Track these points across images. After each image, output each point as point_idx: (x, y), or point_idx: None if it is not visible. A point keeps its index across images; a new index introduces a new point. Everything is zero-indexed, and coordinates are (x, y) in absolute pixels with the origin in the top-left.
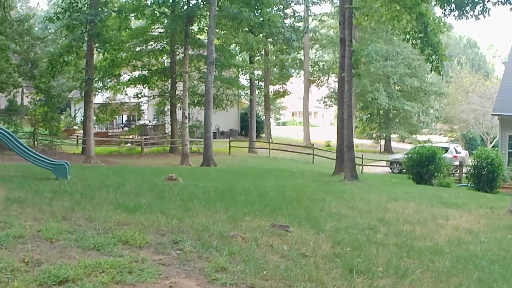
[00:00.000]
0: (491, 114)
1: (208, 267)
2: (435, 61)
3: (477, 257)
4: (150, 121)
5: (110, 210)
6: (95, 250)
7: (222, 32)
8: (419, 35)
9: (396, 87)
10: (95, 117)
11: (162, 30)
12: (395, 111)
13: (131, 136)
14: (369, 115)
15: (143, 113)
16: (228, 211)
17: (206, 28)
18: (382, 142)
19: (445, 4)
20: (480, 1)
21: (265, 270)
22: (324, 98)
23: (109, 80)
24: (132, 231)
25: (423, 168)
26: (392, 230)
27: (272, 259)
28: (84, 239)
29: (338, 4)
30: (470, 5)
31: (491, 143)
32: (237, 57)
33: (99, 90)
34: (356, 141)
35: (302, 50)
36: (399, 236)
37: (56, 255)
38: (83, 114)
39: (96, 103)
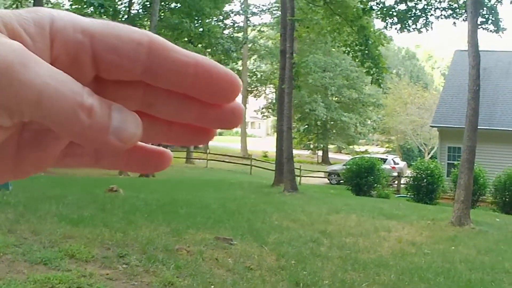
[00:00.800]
0: (430, 126)
1: (156, 281)
2: (376, 74)
3: (422, 269)
4: None
5: (54, 223)
6: (42, 264)
7: None
8: (360, 47)
9: (334, 98)
10: None
11: None
12: (332, 122)
13: None
14: (306, 126)
15: None
16: (171, 224)
17: None
18: (320, 153)
19: (387, 18)
20: (423, 15)
21: (212, 284)
22: (262, 108)
23: None
24: (77, 244)
25: (362, 179)
26: (335, 242)
27: (218, 273)
28: (31, 253)
29: (278, 15)
30: (412, 19)
31: (429, 154)
32: None
33: None
34: (293, 151)
35: (241, 61)
36: (343, 249)
37: (4, 270)
38: None
39: None
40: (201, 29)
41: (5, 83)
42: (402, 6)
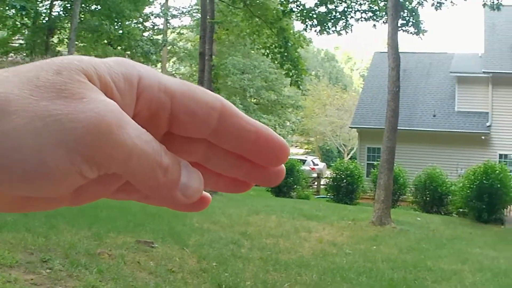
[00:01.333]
0: (349, 127)
1: (79, 286)
2: (295, 76)
3: (344, 269)
4: None
5: None
6: None
7: (82, 45)
8: (279, 49)
9: (253, 100)
10: None
11: (22, 42)
12: None
13: None
14: None
15: None
16: (92, 227)
17: (66, 40)
18: None
19: (307, 20)
20: (343, 18)
21: (135, 287)
22: None
23: None
24: (1, 250)
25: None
26: (256, 244)
27: (140, 276)
28: None
29: (198, 17)
30: (332, 21)
31: (348, 154)
32: None
33: None
34: None
35: (160, 63)
36: (264, 250)
37: None
38: None
39: None
40: (120, 32)
41: (101, 142)
42: (322, 9)
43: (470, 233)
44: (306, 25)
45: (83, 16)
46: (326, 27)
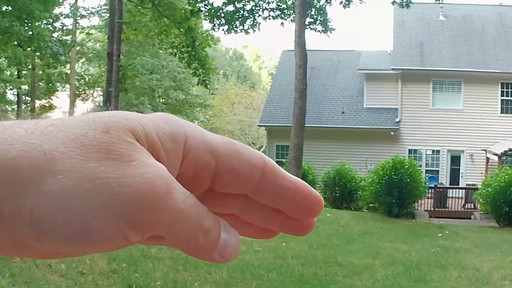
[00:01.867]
0: (258, 125)
1: None
2: (202, 75)
3: (254, 266)
4: None
5: None
6: None
7: None
8: (187, 49)
9: (161, 100)
10: None
11: None
12: None
13: None
14: None
15: None
16: None
17: None
18: None
19: (215, 19)
20: (250, 17)
21: None
22: (89, 112)
23: None
24: None
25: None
26: None
27: (52, 279)
28: None
29: (106, 17)
30: (240, 20)
31: None
32: (5, 72)
33: None
34: None
35: (69, 64)
36: (173, 250)
37: None
38: None
39: None
40: (30, 33)
41: (149, 208)
42: (230, 7)
43: (381, 227)
44: (214, 24)
45: None
46: (234, 26)
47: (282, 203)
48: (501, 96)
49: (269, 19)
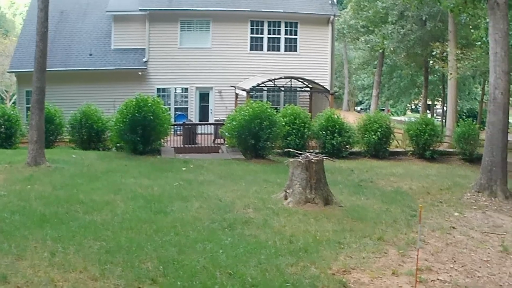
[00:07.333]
0: (7, 72)
1: None
2: None
3: None
4: None
5: None
6: None
7: None
8: None
9: None
10: None
11: None
12: None
13: None
14: None
15: None
16: None
17: None
18: None
19: None
20: None
21: None
22: None
23: None
24: None
25: None
26: None
27: None
28: None
29: None
30: None
31: (11, 100)
32: None
33: None
34: None
35: None
36: None
37: None
38: None
39: None
40: None
41: None
42: None
43: (126, 165)
44: None
45: None
46: None
47: None
48: (251, 33)
49: None
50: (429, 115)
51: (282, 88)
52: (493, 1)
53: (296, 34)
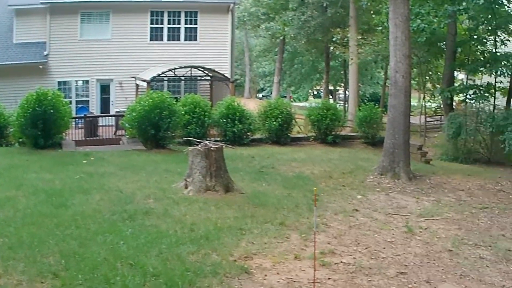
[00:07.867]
0: None
1: None
2: None
3: None
4: None
5: None
6: None
7: None
8: None
9: None
10: None
11: None
12: None
13: None
14: None
15: None
16: None
17: None
18: None
19: None
20: None
21: None
22: None
23: None
24: None
25: None
26: None
27: None
28: None
29: None
30: None
31: None
32: None
33: None
34: None
35: None
36: None
37: None
38: None
39: None
40: None
41: None
42: None
43: (27, 160)
44: None
45: None
46: None
47: None
48: (151, 24)
49: None
50: (331, 101)
51: (183, 78)
52: None
53: (196, 23)
